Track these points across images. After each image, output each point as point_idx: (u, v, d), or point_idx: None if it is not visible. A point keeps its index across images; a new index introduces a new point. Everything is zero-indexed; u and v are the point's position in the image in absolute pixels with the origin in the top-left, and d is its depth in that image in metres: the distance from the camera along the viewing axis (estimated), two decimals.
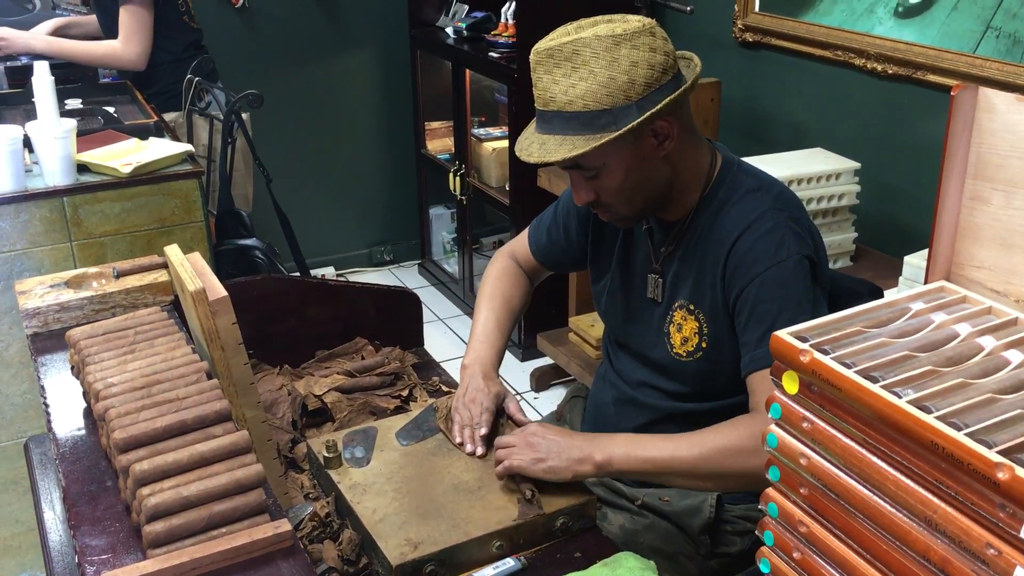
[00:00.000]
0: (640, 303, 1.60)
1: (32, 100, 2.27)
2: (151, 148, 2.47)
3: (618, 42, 1.33)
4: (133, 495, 1.03)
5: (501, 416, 1.54)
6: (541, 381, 3.48)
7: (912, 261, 1.90)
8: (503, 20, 3.62)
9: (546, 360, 3.47)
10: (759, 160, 2.40)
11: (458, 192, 3.82)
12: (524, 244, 1.80)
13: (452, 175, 3.82)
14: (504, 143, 3.67)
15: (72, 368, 1.36)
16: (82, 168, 2.34)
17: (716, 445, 1.37)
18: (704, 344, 1.50)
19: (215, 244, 2.88)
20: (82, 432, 1.27)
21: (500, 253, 1.84)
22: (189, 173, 2.40)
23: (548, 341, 3.29)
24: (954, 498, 0.77)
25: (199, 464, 1.06)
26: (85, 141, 2.42)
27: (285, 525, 1.04)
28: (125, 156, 2.39)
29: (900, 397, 0.82)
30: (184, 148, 2.47)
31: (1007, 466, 0.72)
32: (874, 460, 0.85)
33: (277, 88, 3.90)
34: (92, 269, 1.60)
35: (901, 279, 1.93)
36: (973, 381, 0.86)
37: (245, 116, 3.12)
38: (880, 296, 1.65)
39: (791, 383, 0.93)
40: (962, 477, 0.76)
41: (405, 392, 1.72)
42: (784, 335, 0.93)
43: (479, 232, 4.15)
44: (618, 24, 1.36)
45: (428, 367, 1.85)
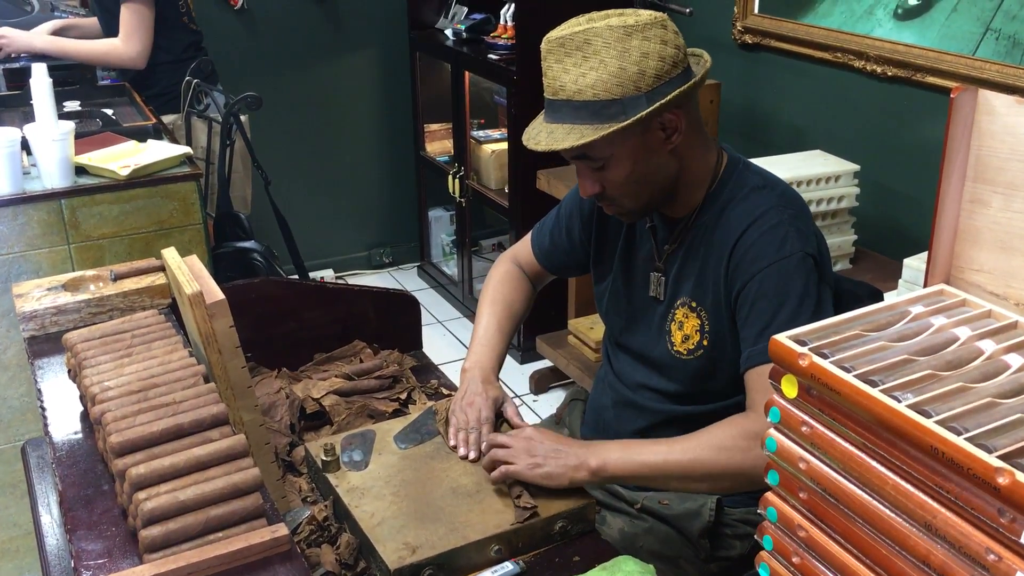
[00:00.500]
0: (642, 302, 1.60)
1: (30, 102, 2.26)
2: (149, 150, 2.47)
3: (630, 33, 1.33)
4: (129, 499, 1.03)
5: (499, 420, 1.54)
6: (540, 383, 3.48)
7: (912, 264, 1.90)
8: (502, 22, 3.62)
9: (545, 363, 3.46)
10: (758, 162, 2.38)
11: (457, 194, 3.82)
12: (527, 248, 1.80)
13: (451, 177, 3.81)
14: (503, 145, 3.66)
15: (69, 371, 1.36)
16: (80, 170, 2.34)
17: (710, 444, 1.37)
18: (705, 342, 1.50)
19: (213, 246, 2.88)
20: (79, 436, 1.27)
21: (503, 257, 1.83)
22: (187, 175, 2.40)
23: (547, 344, 3.29)
24: (954, 503, 0.77)
25: (196, 468, 1.05)
26: (83, 143, 2.42)
27: (282, 529, 1.03)
28: (123, 158, 2.39)
29: (900, 401, 0.82)
30: (182, 150, 2.46)
31: (1007, 471, 0.71)
32: (873, 464, 0.84)
33: (276, 90, 3.90)
34: (89, 272, 1.60)
35: (901, 282, 1.93)
36: (973, 385, 0.85)
37: (244, 118, 3.12)
38: (880, 299, 1.65)
39: (790, 387, 0.92)
40: (962, 482, 0.75)
41: (403, 395, 1.72)
42: (783, 339, 0.93)
43: (478, 234, 4.15)
44: (630, 16, 1.36)
45: (427, 370, 1.84)
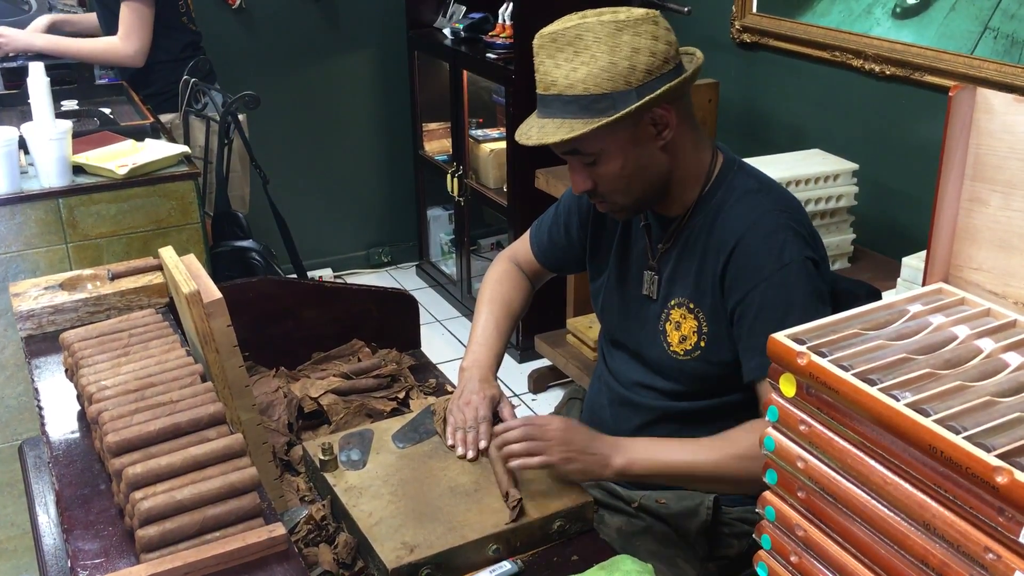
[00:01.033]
0: (636, 300, 1.60)
1: (28, 101, 2.26)
2: (147, 149, 2.46)
3: (620, 28, 1.35)
4: (126, 499, 1.03)
5: (496, 420, 1.54)
6: (539, 383, 3.48)
7: (910, 263, 1.90)
8: (500, 21, 3.62)
9: (544, 362, 3.46)
10: (757, 161, 2.39)
11: (456, 193, 3.81)
12: (525, 246, 1.80)
13: (450, 176, 3.81)
14: (502, 144, 3.66)
15: (66, 371, 1.35)
16: (78, 169, 2.33)
17: (734, 452, 1.38)
18: (703, 343, 1.50)
19: (211, 246, 2.87)
20: (76, 435, 1.27)
21: (501, 256, 1.83)
22: (185, 175, 2.40)
23: (546, 343, 3.29)
24: (952, 502, 0.77)
25: (193, 468, 1.05)
26: (81, 142, 2.41)
27: (279, 529, 1.03)
28: (121, 157, 2.38)
29: (898, 400, 0.82)
30: (180, 149, 2.46)
31: (1006, 470, 0.71)
32: (872, 463, 0.84)
33: (274, 89, 3.89)
34: (87, 271, 1.59)
35: (899, 281, 1.92)
36: (971, 384, 0.85)
37: (242, 117, 3.11)
38: (878, 298, 1.64)
39: (788, 386, 0.92)
40: (960, 481, 0.75)
41: (402, 394, 1.72)
42: (781, 337, 0.93)
43: (477, 233, 4.15)
44: (622, 12, 1.38)
45: (425, 369, 1.84)
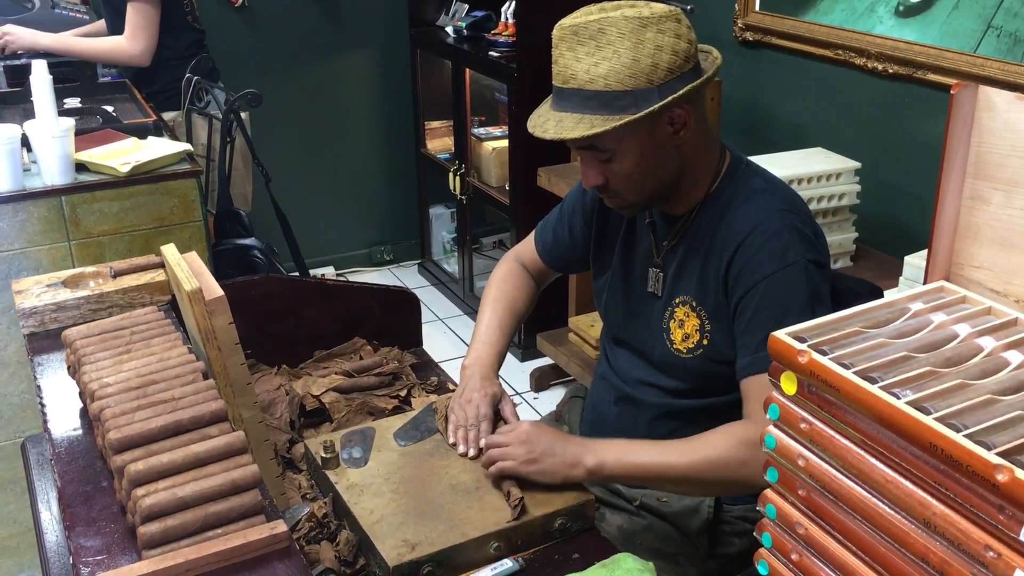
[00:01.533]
0: (640, 298, 1.60)
1: (31, 99, 2.26)
2: (150, 147, 2.47)
3: (645, 24, 1.33)
4: (128, 496, 1.03)
5: (497, 418, 1.54)
6: (541, 381, 3.48)
7: (912, 261, 1.90)
8: (503, 19, 3.62)
9: (546, 360, 3.46)
10: (759, 160, 2.37)
11: (458, 192, 3.81)
12: (530, 246, 1.80)
13: (452, 175, 3.81)
14: (504, 143, 3.66)
15: (68, 368, 1.36)
16: (80, 167, 2.34)
17: (707, 456, 1.38)
18: (705, 341, 1.50)
19: (214, 244, 2.88)
20: (78, 432, 1.27)
21: (506, 256, 1.84)
22: (188, 172, 2.40)
23: (548, 341, 3.29)
24: (953, 500, 0.77)
25: (194, 465, 1.05)
26: (83, 140, 2.42)
27: (281, 526, 1.03)
28: (124, 155, 2.38)
29: (899, 398, 0.82)
30: (183, 147, 2.46)
31: (1006, 468, 0.71)
32: (872, 462, 0.84)
33: (276, 87, 3.89)
34: (89, 268, 1.60)
35: (901, 279, 1.92)
36: (972, 382, 0.85)
37: (244, 115, 3.12)
38: (880, 296, 1.64)
39: (789, 384, 0.92)
40: (961, 479, 0.75)
41: (403, 392, 1.72)
42: (782, 335, 0.93)
43: (479, 232, 4.15)
44: (644, 8, 1.36)
45: (427, 367, 1.84)
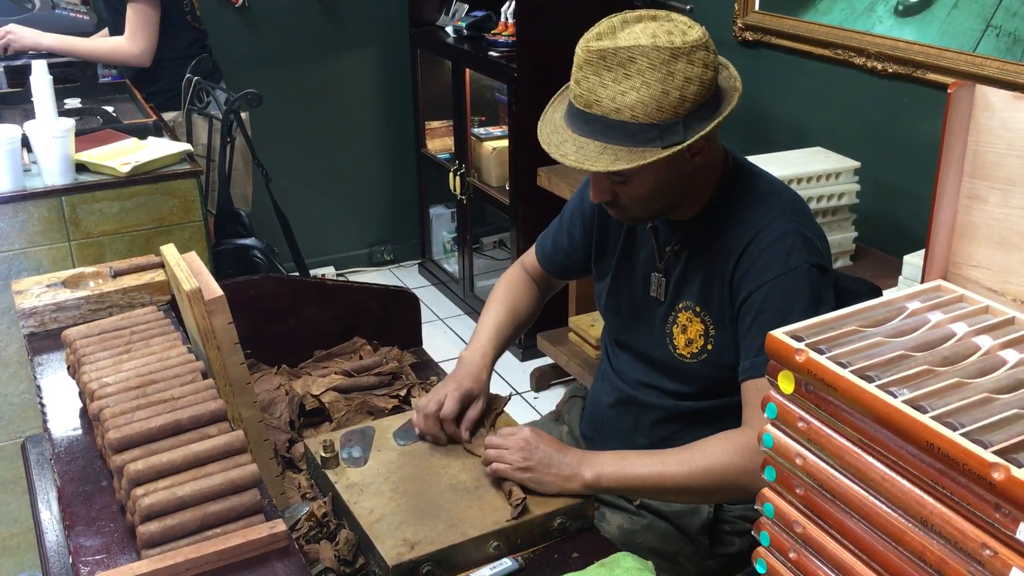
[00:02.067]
0: (642, 302, 1.60)
1: (31, 99, 2.27)
2: (150, 147, 2.47)
3: (676, 56, 1.28)
4: (128, 495, 1.03)
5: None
6: (541, 381, 3.48)
7: (912, 260, 1.90)
8: (503, 19, 3.62)
9: (546, 360, 3.47)
10: (759, 159, 2.39)
11: (458, 192, 3.82)
12: (532, 254, 1.81)
13: (452, 174, 3.81)
14: (504, 142, 3.66)
15: (68, 368, 1.36)
16: (81, 167, 2.34)
17: (705, 465, 1.37)
18: (710, 347, 1.50)
19: (214, 244, 2.88)
20: (78, 432, 1.27)
21: (515, 263, 1.85)
22: (188, 172, 2.40)
23: (548, 341, 3.29)
24: (950, 498, 0.77)
25: (194, 464, 1.06)
26: (84, 140, 2.42)
27: (280, 525, 1.03)
28: (124, 155, 2.39)
29: (896, 397, 0.82)
30: (183, 147, 2.46)
31: (1003, 466, 0.71)
32: (870, 460, 0.85)
33: (277, 87, 3.90)
34: (89, 269, 1.60)
35: (901, 278, 1.92)
36: (969, 381, 0.85)
37: (244, 115, 3.12)
38: (878, 296, 1.64)
39: (787, 383, 0.92)
40: (958, 477, 0.75)
41: (403, 392, 1.72)
42: (780, 334, 0.93)
43: (479, 232, 4.15)
44: (676, 33, 1.30)
45: (426, 367, 1.84)
